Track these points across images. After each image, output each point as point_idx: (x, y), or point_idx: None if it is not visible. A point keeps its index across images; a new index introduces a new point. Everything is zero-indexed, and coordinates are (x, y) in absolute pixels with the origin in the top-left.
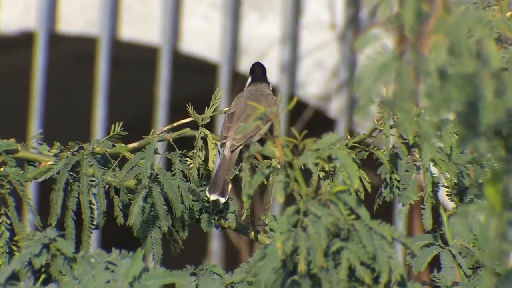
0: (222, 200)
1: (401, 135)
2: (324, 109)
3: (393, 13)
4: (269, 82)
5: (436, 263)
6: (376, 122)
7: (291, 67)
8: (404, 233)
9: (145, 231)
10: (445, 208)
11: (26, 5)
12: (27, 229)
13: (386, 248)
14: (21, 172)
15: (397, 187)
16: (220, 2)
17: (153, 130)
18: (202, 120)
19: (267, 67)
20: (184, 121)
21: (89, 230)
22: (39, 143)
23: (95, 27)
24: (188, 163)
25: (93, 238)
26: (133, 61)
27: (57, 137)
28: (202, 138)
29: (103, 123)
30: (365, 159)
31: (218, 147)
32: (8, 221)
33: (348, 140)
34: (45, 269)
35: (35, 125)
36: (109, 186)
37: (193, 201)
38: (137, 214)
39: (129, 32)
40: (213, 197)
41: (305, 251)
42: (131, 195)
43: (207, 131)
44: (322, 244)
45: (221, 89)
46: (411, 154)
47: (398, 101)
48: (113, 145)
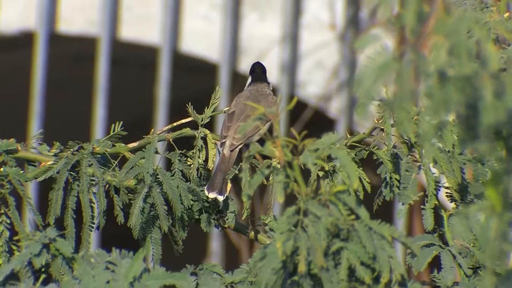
0: (221, 198)
1: (401, 135)
2: (324, 109)
3: (393, 14)
4: (269, 82)
5: (436, 263)
6: (376, 121)
7: (291, 67)
8: (404, 233)
9: (145, 231)
10: (445, 208)
11: (26, 5)
12: (27, 228)
13: (386, 248)
14: (21, 172)
15: (397, 186)
16: (220, 2)
17: (153, 130)
18: (202, 120)
19: (267, 67)
20: (184, 121)
21: (89, 230)
22: (39, 143)
23: (95, 27)
24: (188, 163)
25: (93, 238)
26: (133, 61)
27: (57, 137)
28: (202, 138)
29: (103, 123)
30: (364, 158)
31: (218, 147)
32: (8, 221)
33: (348, 139)
34: (45, 269)
35: (35, 125)
36: (109, 186)
37: (192, 201)
38: (137, 214)
39: (129, 32)
40: (212, 195)
41: (305, 252)
42: (131, 195)
43: (207, 131)
44: (322, 244)
45: (221, 89)
46: (410, 154)
47: (398, 101)
48: (113, 145)
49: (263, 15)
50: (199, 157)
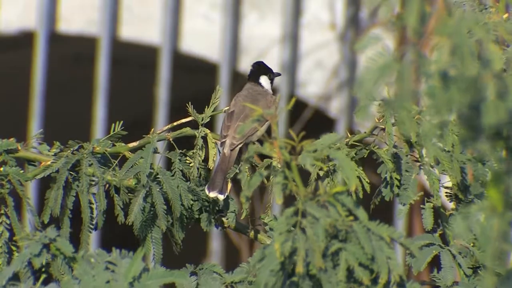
0: (221, 197)
1: (402, 134)
2: (324, 109)
3: (395, 14)
4: (272, 78)
5: (436, 263)
6: (377, 121)
7: (291, 67)
8: (404, 234)
9: (145, 230)
10: (445, 208)
11: (26, 5)
12: (26, 229)
13: (384, 249)
14: (21, 171)
15: (397, 186)
16: (220, 2)
17: (153, 129)
18: (202, 119)
19: None
20: (184, 120)
21: (88, 230)
22: (39, 143)
23: (95, 27)
24: (188, 162)
25: (93, 238)
26: (133, 61)
27: (57, 137)
28: (202, 137)
29: (103, 123)
30: (364, 158)
31: (218, 146)
32: (8, 221)
33: (349, 138)
34: (45, 269)
35: (35, 125)
36: (109, 186)
37: (192, 200)
38: (137, 213)
39: (129, 32)
40: (212, 194)
41: (303, 253)
42: (131, 195)
43: (207, 130)
44: (320, 246)
45: (221, 89)
46: (410, 154)
47: (399, 101)
48: (113, 145)
49: (263, 15)
50: (199, 156)
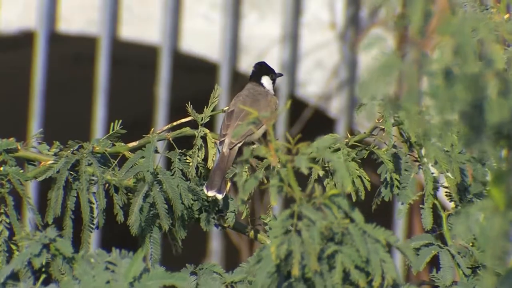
0: (220, 196)
1: (401, 134)
2: (324, 109)
3: (396, 13)
4: (274, 78)
5: (436, 262)
6: (377, 121)
7: (291, 66)
8: (402, 235)
9: (144, 230)
10: (444, 208)
11: (26, 5)
12: (26, 228)
13: (380, 251)
14: (21, 171)
15: (397, 186)
16: (220, 2)
17: (153, 129)
18: (202, 119)
19: None
20: (184, 120)
21: (89, 229)
22: (39, 142)
23: (95, 27)
24: (188, 161)
25: (93, 238)
26: (133, 61)
27: (57, 137)
28: (201, 137)
29: (103, 123)
30: (364, 158)
31: (217, 145)
32: (8, 220)
33: (348, 139)
34: (45, 269)
35: (35, 125)
36: (108, 185)
37: (192, 200)
38: (136, 212)
39: (129, 32)
40: (211, 193)
41: (299, 256)
42: (130, 194)
43: (206, 130)
44: (316, 248)
45: (220, 88)
46: (410, 154)
47: (404, 101)
48: (113, 144)
49: (263, 14)
50: (198, 155)
